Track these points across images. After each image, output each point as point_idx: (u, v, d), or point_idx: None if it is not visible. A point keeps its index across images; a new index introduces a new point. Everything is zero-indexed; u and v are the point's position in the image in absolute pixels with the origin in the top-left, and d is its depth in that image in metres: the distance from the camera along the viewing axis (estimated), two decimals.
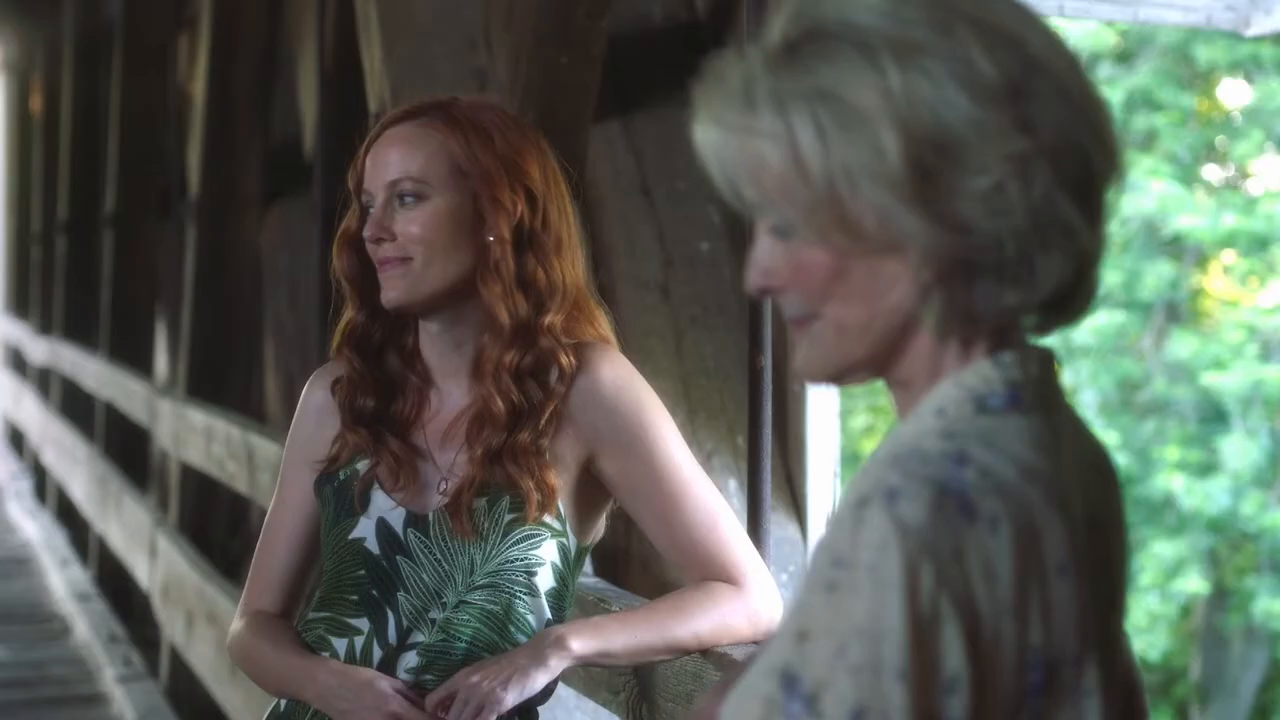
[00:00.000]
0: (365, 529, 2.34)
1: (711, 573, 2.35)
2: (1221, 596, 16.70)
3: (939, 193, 1.30)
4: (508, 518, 2.31)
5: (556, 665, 2.26)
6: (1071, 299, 1.36)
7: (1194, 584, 15.76)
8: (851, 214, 1.32)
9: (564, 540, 2.34)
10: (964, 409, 1.35)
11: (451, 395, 2.38)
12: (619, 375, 2.36)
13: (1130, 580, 1.45)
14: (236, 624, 2.47)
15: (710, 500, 2.37)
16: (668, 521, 2.36)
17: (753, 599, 2.35)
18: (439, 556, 2.31)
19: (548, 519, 2.33)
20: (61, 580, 9.95)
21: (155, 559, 7.23)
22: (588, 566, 3.29)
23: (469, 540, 2.30)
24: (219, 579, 5.96)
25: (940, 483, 1.28)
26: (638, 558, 4.71)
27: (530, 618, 2.32)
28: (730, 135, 1.34)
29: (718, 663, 2.31)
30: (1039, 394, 1.36)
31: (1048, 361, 1.39)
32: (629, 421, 2.35)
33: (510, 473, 2.30)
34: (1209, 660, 16.78)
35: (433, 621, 2.31)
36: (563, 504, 2.35)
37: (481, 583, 2.31)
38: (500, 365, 2.31)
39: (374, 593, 2.32)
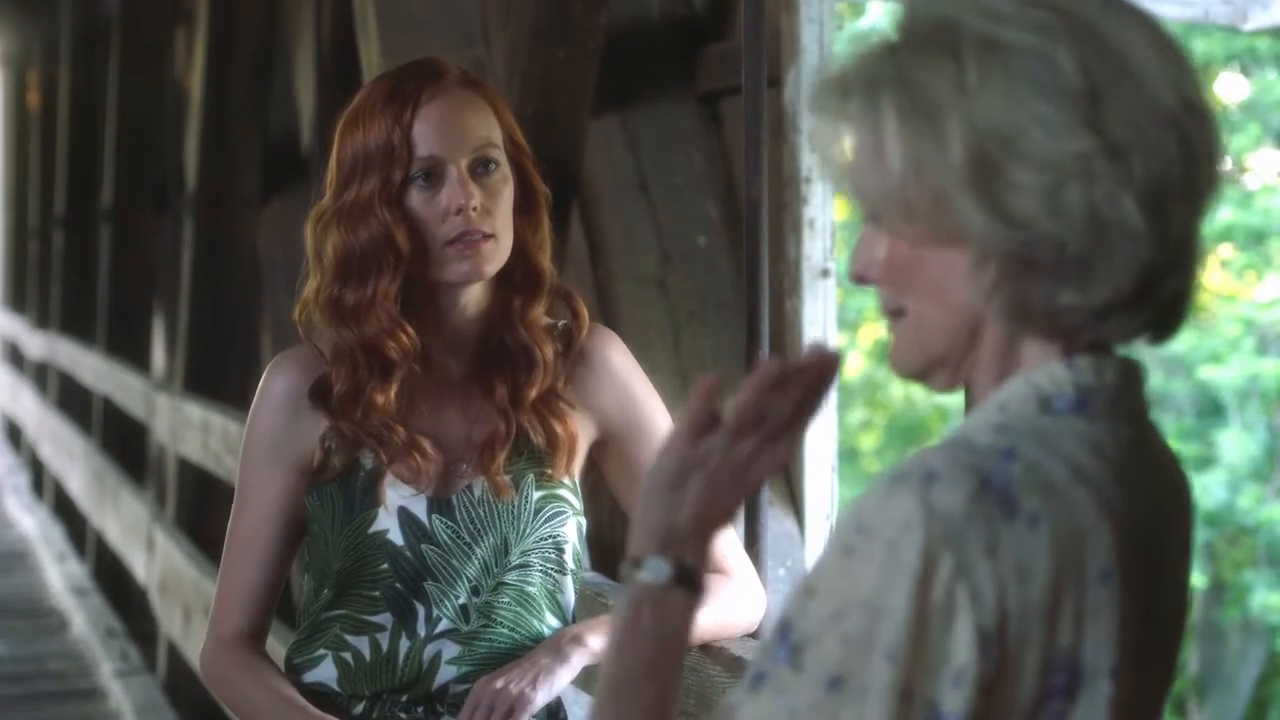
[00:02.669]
0: (387, 521, 2.26)
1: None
2: (1219, 590, 16.70)
3: (999, 186, 1.31)
4: (536, 494, 2.28)
5: (578, 662, 2.24)
6: (1141, 308, 1.34)
7: (1191, 578, 15.75)
8: (919, 202, 1.34)
9: (580, 520, 2.33)
10: (1027, 406, 1.35)
11: (448, 371, 2.31)
12: (627, 359, 2.37)
13: (1189, 611, 1.44)
14: (212, 645, 2.35)
15: None
16: None
17: (744, 588, 2.35)
18: (468, 540, 2.26)
19: (569, 495, 2.31)
20: (59, 575, 9.95)
21: (153, 553, 7.23)
22: (585, 560, 3.29)
23: (507, 503, 2.26)
24: (216, 574, 5.96)
25: (983, 474, 1.28)
26: None
27: (559, 597, 2.31)
28: (828, 121, 1.38)
29: (716, 658, 2.31)
30: (1111, 402, 1.35)
31: (1132, 373, 1.38)
32: (641, 406, 2.35)
33: (550, 423, 2.27)
34: (1206, 654, 16.78)
35: (464, 609, 2.26)
36: (578, 481, 2.34)
37: (517, 563, 2.28)
38: (537, 318, 2.30)
39: (398, 586, 2.26)
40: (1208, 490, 15.53)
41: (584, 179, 4.57)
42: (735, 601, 2.33)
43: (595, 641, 2.25)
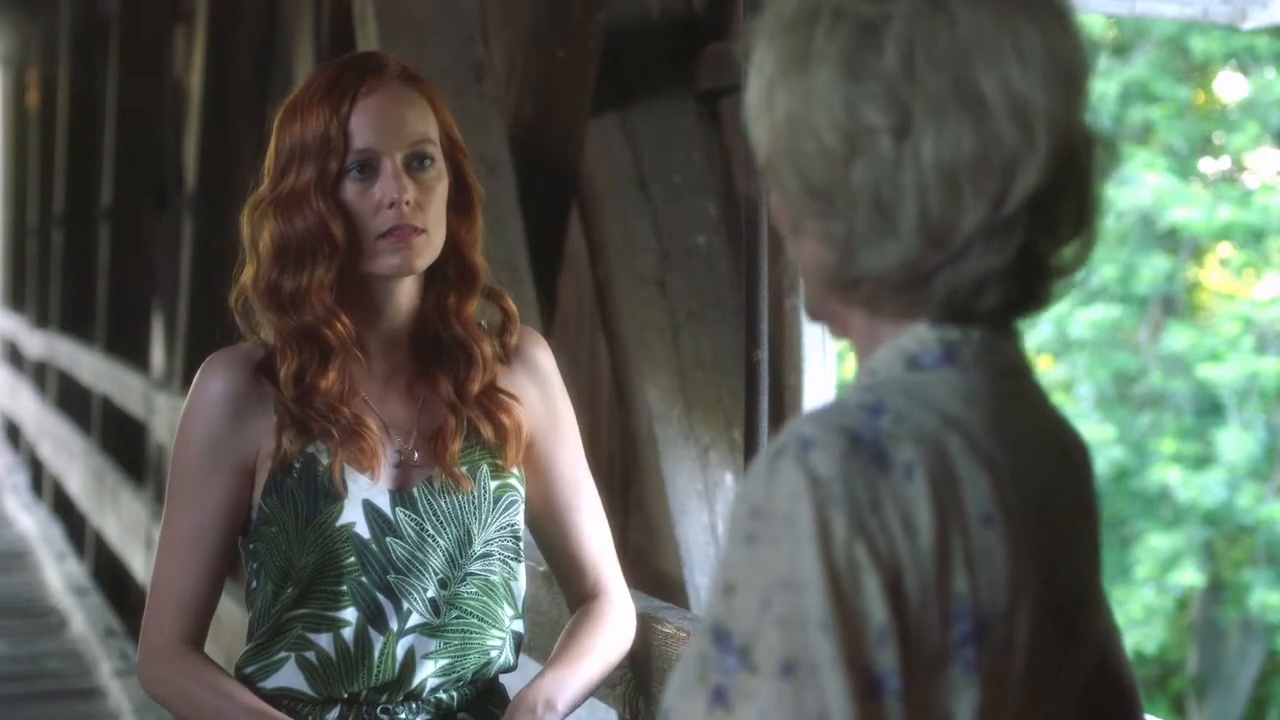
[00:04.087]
0: (353, 513, 2.24)
1: (599, 576, 2.38)
2: (1218, 589, 16.70)
3: (805, 154, 1.35)
4: (492, 484, 2.29)
5: None
6: (937, 287, 1.35)
7: (1190, 577, 15.75)
8: (764, 160, 1.40)
9: (524, 507, 2.34)
10: (894, 367, 1.37)
11: (387, 364, 2.31)
12: (553, 363, 2.40)
13: (1096, 573, 1.44)
14: (154, 655, 2.30)
15: (599, 504, 2.41)
16: (575, 514, 2.38)
17: (626, 606, 2.40)
18: (432, 532, 2.26)
19: (518, 484, 2.32)
20: (58, 574, 9.95)
21: (152, 553, 7.22)
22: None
23: (467, 494, 2.27)
24: None
25: (853, 432, 1.30)
26: (633, 550, 4.71)
27: (514, 585, 2.33)
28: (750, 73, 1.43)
29: None
30: (980, 354, 1.37)
31: (1004, 333, 1.39)
32: (561, 410, 2.38)
33: (496, 415, 2.29)
34: (1205, 653, 16.79)
35: (433, 602, 2.26)
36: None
37: (480, 553, 2.28)
38: (472, 315, 2.31)
39: (364, 580, 2.24)
40: (1207, 489, 15.54)
41: (583, 178, 4.58)
42: (623, 622, 2.38)
43: (561, 703, 2.27)
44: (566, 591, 2.42)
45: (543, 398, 2.36)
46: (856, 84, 1.33)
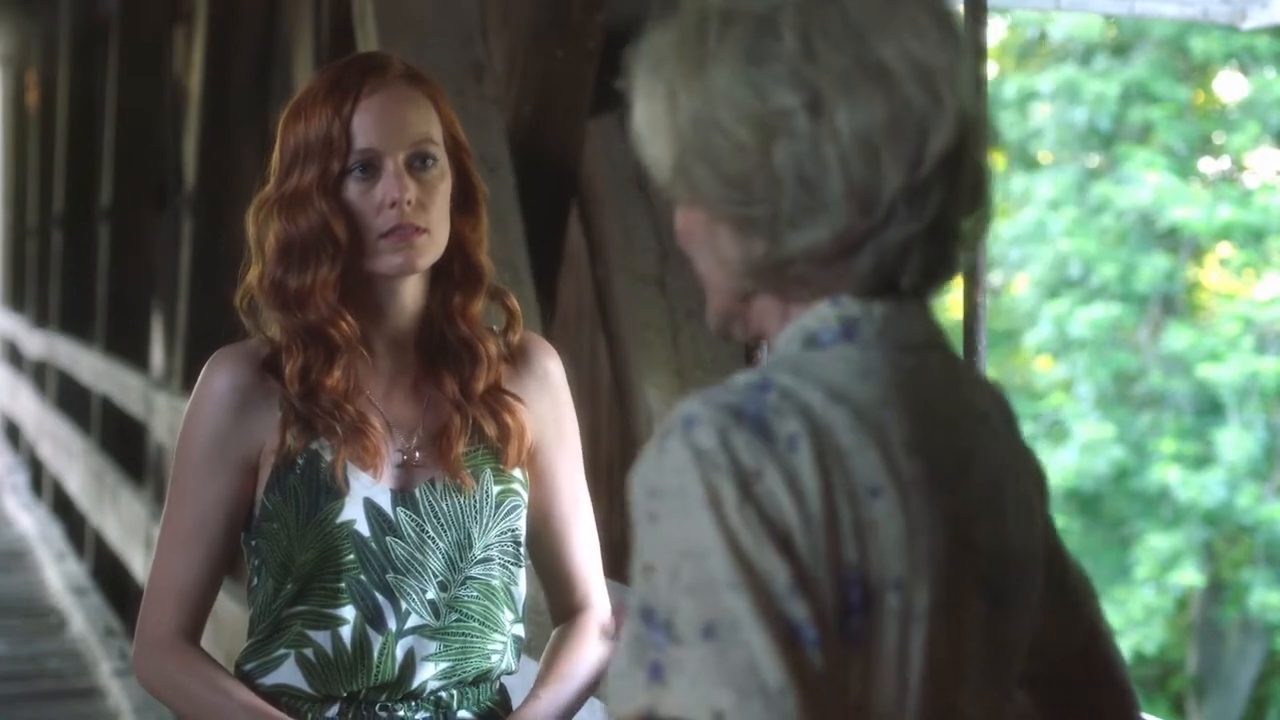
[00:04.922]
0: (354, 510, 2.24)
1: (588, 591, 2.39)
2: (1218, 589, 16.71)
3: (719, 148, 1.38)
4: (495, 488, 2.29)
5: None
6: (863, 256, 1.38)
7: (1190, 577, 15.76)
8: (669, 170, 1.42)
9: (527, 512, 2.34)
10: (792, 346, 1.40)
11: (393, 363, 2.31)
12: (564, 376, 2.39)
13: (1036, 535, 1.46)
14: (152, 648, 2.29)
15: (593, 518, 2.41)
16: (572, 528, 2.38)
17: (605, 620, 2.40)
18: (432, 534, 2.26)
19: (520, 488, 2.32)
20: (58, 574, 9.96)
21: (152, 552, 7.23)
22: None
23: (469, 496, 2.27)
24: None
25: (735, 407, 1.34)
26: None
27: (514, 590, 2.32)
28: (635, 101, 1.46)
29: None
30: (881, 331, 1.39)
31: (914, 307, 1.41)
32: (567, 423, 2.38)
33: (500, 415, 2.29)
34: (1205, 653, 16.80)
35: (433, 604, 2.26)
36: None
37: (480, 557, 2.28)
38: (478, 314, 2.31)
39: (363, 578, 2.24)
40: (1207, 489, 15.55)
41: (583, 178, 4.58)
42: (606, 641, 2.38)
43: (556, 714, 2.29)
44: (553, 601, 2.42)
45: (552, 408, 2.36)
46: (761, 70, 1.36)
